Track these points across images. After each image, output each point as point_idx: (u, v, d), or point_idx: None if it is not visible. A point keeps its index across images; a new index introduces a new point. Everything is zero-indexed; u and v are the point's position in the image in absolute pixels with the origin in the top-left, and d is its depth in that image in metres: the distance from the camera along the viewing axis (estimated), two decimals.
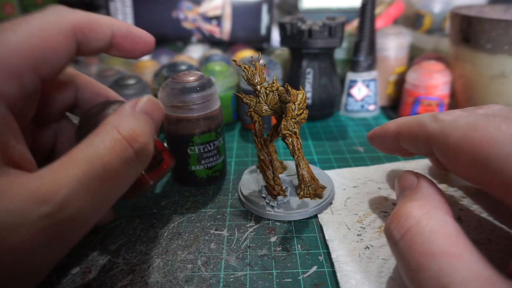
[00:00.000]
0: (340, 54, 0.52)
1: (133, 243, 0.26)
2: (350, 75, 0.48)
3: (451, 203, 0.28)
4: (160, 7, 0.62)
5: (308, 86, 0.45)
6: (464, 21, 0.39)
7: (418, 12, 0.65)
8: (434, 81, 0.43)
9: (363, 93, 0.48)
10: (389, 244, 0.19)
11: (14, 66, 0.18)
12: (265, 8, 0.63)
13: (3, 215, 0.15)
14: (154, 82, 0.44)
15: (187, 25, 0.63)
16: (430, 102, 0.44)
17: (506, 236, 0.23)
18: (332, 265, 0.23)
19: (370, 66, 0.47)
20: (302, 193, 0.29)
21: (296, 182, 0.31)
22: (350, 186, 0.32)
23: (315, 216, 0.28)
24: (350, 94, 0.48)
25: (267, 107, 0.28)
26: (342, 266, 0.23)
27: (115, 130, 0.19)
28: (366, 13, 0.45)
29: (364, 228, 0.26)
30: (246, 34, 0.64)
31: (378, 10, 0.59)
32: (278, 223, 0.28)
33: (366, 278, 0.22)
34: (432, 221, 0.18)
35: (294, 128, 0.27)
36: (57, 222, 0.17)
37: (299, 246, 0.26)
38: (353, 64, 0.47)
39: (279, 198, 0.28)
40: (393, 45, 0.48)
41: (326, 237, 0.26)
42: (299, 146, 0.28)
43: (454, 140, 0.19)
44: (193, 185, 0.34)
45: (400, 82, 0.50)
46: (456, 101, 0.45)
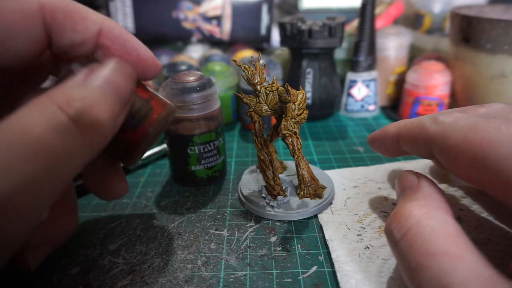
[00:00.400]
0: (340, 54, 0.52)
1: (133, 243, 0.26)
2: (350, 75, 0.48)
3: (451, 203, 0.28)
4: (160, 7, 0.62)
5: (308, 86, 0.45)
6: (464, 21, 0.39)
7: (418, 12, 0.65)
8: (434, 81, 0.43)
9: (363, 93, 0.48)
10: (389, 243, 0.19)
11: None
12: (265, 8, 0.63)
13: None
14: (154, 82, 0.44)
15: (187, 25, 0.63)
16: (430, 102, 0.44)
17: (506, 236, 0.23)
18: (332, 265, 0.23)
19: (370, 66, 0.47)
20: (302, 193, 0.29)
21: (296, 182, 0.31)
22: (350, 186, 0.32)
23: (315, 216, 0.28)
24: (350, 94, 0.48)
25: (267, 107, 0.28)
26: (342, 266, 0.23)
27: (46, 98, 0.15)
28: (366, 13, 0.45)
29: (364, 228, 0.26)
30: (246, 34, 0.64)
31: (378, 10, 0.59)
32: (278, 223, 0.28)
33: (366, 278, 0.22)
34: (432, 221, 0.17)
35: (294, 128, 0.27)
36: None
37: (299, 246, 0.26)
38: (353, 64, 0.47)
39: (279, 198, 0.28)
40: (393, 45, 0.48)
41: (326, 237, 0.26)
42: (299, 146, 0.28)
43: (454, 141, 0.19)
44: (193, 185, 0.34)
45: (400, 82, 0.50)
46: (456, 101, 0.45)
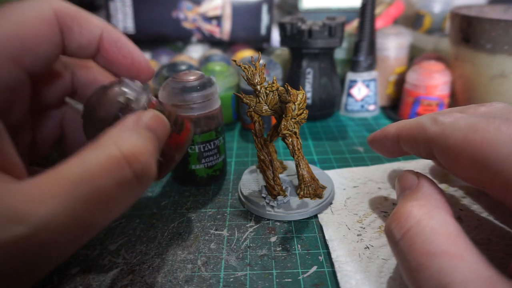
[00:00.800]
0: (340, 54, 0.52)
1: (133, 243, 0.26)
2: (350, 75, 0.48)
3: (451, 203, 0.28)
4: (160, 7, 0.62)
5: (308, 86, 0.45)
6: (464, 21, 0.39)
7: (418, 12, 0.65)
8: (434, 81, 0.43)
9: (363, 93, 0.48)
10: (389, 243, 0.19)
11: None
12: (265, 8, 0.63)
13: None
14: (154, 82, 0.44)
15: (187, 25, 0.63)
16: (430, 102, 0.44)
17: (506, 236, 0.23)
18: (332, 265, 0.23)
19: (370, 66, 0.47)
20: (302, 193, 0.29)
21: (296, 182, 0.31)
22: (350, 186, 0.32)
23: (315, 216, 0.28)
24: (350, 94, 0.48)
25: (267, 107, 0.28)
26: (342, 266, 0.23)
27: (114, 145, 0.17)
28: (366, 13, 0.45)
29: (364, 228, 0.26)
30: (246, 34, 0.64)
31: (378, 10, 0.59)
32: (278, 223, 0.28)
33: (366, 278, 0.22)
34: (432, 221, 0.17)
35: (294, 128, 0.27)
36: (30, 247, 0.14)
37: (299, 246, 0.26)
38: (353, 64, 0.47)
39: (279, 198, 0.28)
40: (393, 45, 0.48)
41: (326, 237, 0.26)
42: (299, 146, 0.28)
43: (454, 142, 0.19)
44: (193, 184, 0.34)
45: (400, 82, 0.50)
46: (456, 101, 0.45)
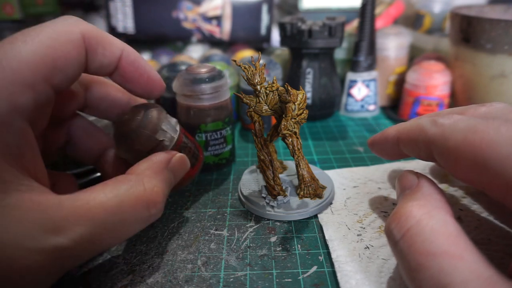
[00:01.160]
0: (340, 54, 0.52)
1: (133, 243, 0.26)
2: (350, 75, 0.48)
3: (451, 203, 0.28)
4: (160, 7, 0.62)
5: (308, 86, 0.45)
6: (464, 21, 0.39)
7: (418, 12, 0.65)
8: (434, 81, 0.43)
9: (363, 93, 0.48)
10: (389, 243, 0.19)
11: (27, 77, 0.18)
12: (265, 8, 0.63)
13: (19, 237, 0.15)
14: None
15: (187, 25, 0.63)
16: (430, 102, 0.44)
17: (506, 236, 0.23)
18: (332, 265, 0.23)
19: (370, 66, 0.47)
20: (302, 193, 0.29)
21: (296, 182, 0.31)
22: (350, 186, 0.32)
23: (315, 216, 0.28)
24: (350, 94, 0.48)
25: (267, 107, 0.28)
26: (342, 266, 0.23)
27: (142, 187, 0.20)
28: (366, 13, 0.44)
29: (364, 228, 0.26)
30: (246, 34, 0.64)
31: (378, 10, 0.59)
32: (278, 223, 0.28)
33: (366, 278, 0.22)
34: (432, 220, 0.17)
35: (294, 128, 0.27)
36: (65, 256, 0.16)
37: (299, 246, 0.26)
38: (353, 64, 0.47)
39: (279, 198, 0.28)
40: (393, 45, 0.48)
41: (326, 237, 0.26)
42: (299, 146, 0.28)
43: (454, 143, 0.19)
44: (201, 170, 0.34)
45: (400, 82, 0.50)
46: (456, 101, 0.45)
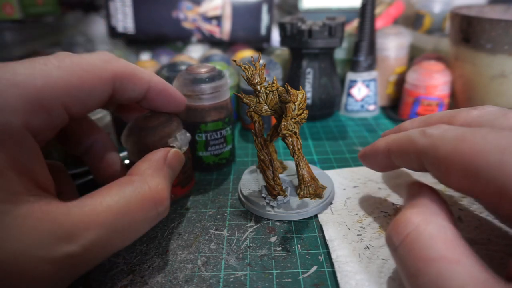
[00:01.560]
0: (340, 54, 0.52)
1: (133, 243, 0.26)
2: (350, 75, 0.48)
3: (451, 203, 0.28)
4: (160, 7, 0.62)
5: (308, 86, 0.45)
6: (464, 21, 0.39)
7: (418, 12, 0.65)
8: (434, 81, 0.43)
9: (363, 93, 0.48)
10: (389, 250, 0.20)
11: (46, 99, 0.18)
12: (265, 8, 0.63)
13: (30, 247, 0.15)
14: None
15: (187, 25, 0.63)
16: (430, 102, 0.44)
17: (506, 236, 0.23)
18: (332, 265, 0.23)
19: (370, 66, 0.47)
20: (302, 193, 0.29)
21: (296, 182, 0.31)
22: (350, 186, 0.32)
23: (315, 216, 0.28)
24: (350, 94, 0.48)
25: (267, 107, 0.28)
26: (342, 266, 0.23)
27: (146, 186, 0.20)
28: (366, 13, 0.44)
29: (364, 228, 0.26)
30: (246, 34, 0.64)
31: (378, 10, 0.59)
32: (278, 223, 0.28)
33: (366, 278, 0.22)
34: (430, 226, 0.18)
35: (294, 128, 0.27)
36: (77, 263, 0.17)
37: (299, 246, 0.26)
38: (353, 64, 0.47)
39: (279, 198, 0.28)
40: (393, 45, 0.48)
41: (326, 237, 0.26)
42: (299, 146, 0.28)
43: (444, 153, 0.19)
44: (200, 170, 0.36)
45: (400, 82, 0.50)
46: (456, 101, 0.45)
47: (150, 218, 0.20)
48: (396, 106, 0.51)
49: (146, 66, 0.50)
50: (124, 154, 0.37)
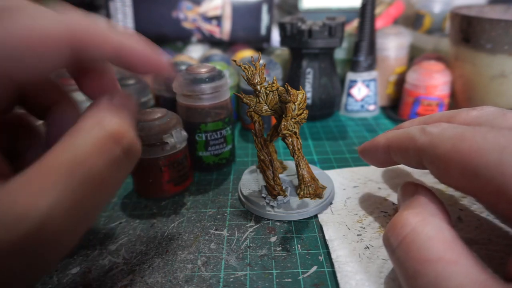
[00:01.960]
0: (340, 54, 0.52)
1: (133, 243, 0.26)
2: (350, 75, 0.48)
3: (451, 203, 0.28)
4: (160, 7, 0.62)
5: (308, 86, 0.45)
6: (464, 21, 0.39)
7: (418, 12, 0.65)
8: (434, 81, 0.43)
9: (363, 93, 0.48)
10: (387, 252, 0.20)
11: None
12: (265, 8, 0.63)
13: None
14: (154, 82, 0.44)
15: (187, 25, 0.63)
16: (430, 102, 0.44)
17: (506, 236, 0.23)
18: (332, 265, 0.23)
19: (370, 66, 0.47)
20: (302, 193, 0.29)
21: (296, 182, 0.31)
22: (350, 186, 0.32)
23: (315, 216, 0.28)
24: (350, 94, 0.48)
25: (267, 107, 0.28)
26: (342, 266, 0.23)
27: (98, 127, 0.17)
28: (366, 13, 0.44)
29: (364, 228, 0.26)
30: (246, 34, 0.64)
31: (378, 10, 0.59)
32: (278, 223, 0.28)
33: (366, 278, 0.22)
34: (427, 227, 0.18)
35: (294, 128, 0.27)
36: (39, 241, 0.14)
37: (299, 246, 0.26)
38: (353, 64, 0.47)
39: (279, 198, 0.28)
40: (393, 45, 0.48)
41: (326, 237, 0.26)
42: (299, 146, 0.28)
43: (443, 151, 0.19)
44: (200, 170, 0.36)
45: (400, 82, 0.50)
46: (456, 101, 0.45)
47: (115, 159, 0.17)
48: (396, 106, 0.51)
49: None
50: None
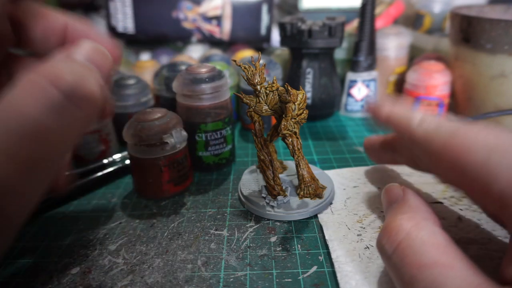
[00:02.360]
0: (340, 54, 0.52)
1: (133, 243, 0.26)
2: (350, 75, 0.48)
3: (451, 203, 0.28)
4: (160, 7, 0.62)
5: (308, 86, 0.45)
6: (464, 21, 0.39)
7: (418, 12, 0.65)
8: (434, 81, 0.43)
9: (363, 93, 0.48)
10: (382, 259, 0.20)
11: None
12: (265, 8, 0.63)
13: None
14: (154, 82, 0.44)
15: (187, 25, 0.63)
16: (430, 102, 0.44)
17: (506, 236, 0.23)
18: (332, 265, 0.23)
19: (370, 66, 0.47)
20: (302, 193, 0.29)
21: (296, 182, 0.31)
22: (350, 186, 0.32)
23: (315, 216, 0.28)
24: (350, 94, 0.48)
25: (267, 107, 0.28)
26: (342, 266, 0.23)
27: (35, 74, 0.15)
28: (366, 13, 0.44)
29: (364, 228, 0.26)
30: (246, 34, 0.64)
31: (378, 10, 0.59)
32: (278, 223, 0.28)
33: (366, 278, 0.22)
34: (421, 232, 0.18)
35: (294, 128, 0.27)
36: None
37: (299, 246, 0.26)
38: (353, 64, 0.47)
39: (279, 198, 0.28)
40: (393, 45, 0.48)
41: (326, 237, 0.26)
42: (299, 146, 0.28)
43: (436, 147, 0.19)
44: (201, 170, 0.36)
45: (400, 82, 0.50)
46: (456, 101, 0.45)
47: (54, 104, 0.15)
48: None
49: (146, 66, 0.50)
50: (125, 154, 0.37)
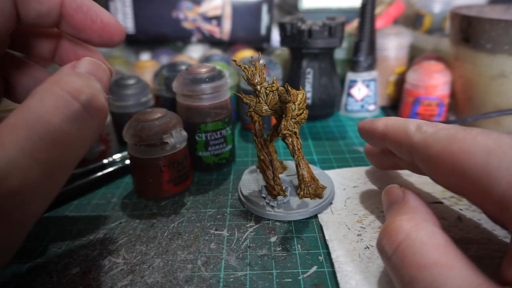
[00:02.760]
0: (340, 54, 0.52)
1: (133, 243, 0.26)
2: (350, 75, 0.48)
3: (451, 203, 0.28)
4: (160, 7, 0.62)
5: (308, 86, 0.45)
6: (464, 21, 0.39)
7: (418, 12, 0.65)
8: (434, 81, 0.43)
9: (363, 93, 0.48)
10: (382, 260, 0.20)
11: None
12: (265, 8, 0.63)
13: None
14: (154, 82, 0.44)
15: (187, 25, 0.63)
16: (430, 102, 0.44)
17: (506, 236, 0.23)
18: (332, 265, 0.23)
19: (370, 66, 0.47)
20: (302, 193, 0.29)
21: (296, 182, 0.31)
22: (350, 186, 0.32)
23: (315, 216, 0.28)
24: (350, 94, 0.48)
25: (267, 107, 0.28)
26: (342, 266, 0.23)
27: (55, 87, 0.17)
28: (366, 13, 0.44)
29: (364, 228, 0.26)
30: (246, 34, 0.64)
31: (378, 10, 0.59)
32: (278, 223, 0.28)
33: (366, 278, 0.22)
34: (421, 233, 0.18)
35: (294, 128, 0.27)
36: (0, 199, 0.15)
37: (299, 246, 0.26)
38: (353, 64, 0.47)
39: (279, 198, 0.28)
40: (393, 45, 0.48)
41: (326, 237, 0.26)
42: (299, 146, 0.28)
43: (435, 152, 0.19)
44: (201, 170, 0.36)
45: (400, 82, 0.50)
46: (456, 101, 0.45)
47: (75, 115, 0.17)
48: (396, 106, 0.51)
49: (146, 66, 0.50)
50: (125, 154, 0.37)
